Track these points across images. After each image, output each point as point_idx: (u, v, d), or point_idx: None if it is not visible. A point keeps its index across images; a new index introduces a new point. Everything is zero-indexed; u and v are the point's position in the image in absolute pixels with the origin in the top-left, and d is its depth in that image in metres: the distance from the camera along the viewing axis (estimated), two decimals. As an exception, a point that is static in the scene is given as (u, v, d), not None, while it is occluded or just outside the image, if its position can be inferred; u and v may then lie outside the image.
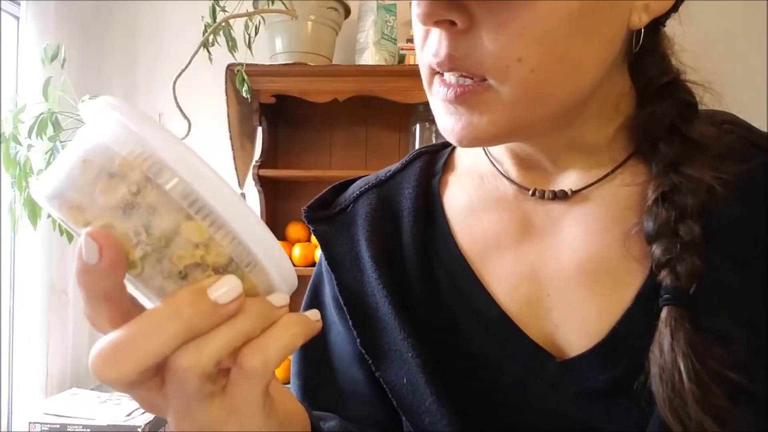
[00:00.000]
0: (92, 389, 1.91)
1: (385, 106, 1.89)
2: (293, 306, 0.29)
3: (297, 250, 2.02)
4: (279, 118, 2.15)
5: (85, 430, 1.63)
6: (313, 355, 0.55)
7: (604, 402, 0.42)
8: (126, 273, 0.27)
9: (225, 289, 0.27)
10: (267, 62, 1.95)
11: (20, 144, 1.46)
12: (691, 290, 0.39)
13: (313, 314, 0.32)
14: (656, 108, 0.44)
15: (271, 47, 1.97)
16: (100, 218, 0.27)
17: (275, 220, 2.15)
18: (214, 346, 0.27)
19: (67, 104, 1.51)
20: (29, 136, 1.45)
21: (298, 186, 2.21)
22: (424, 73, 0.42)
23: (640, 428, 0.40)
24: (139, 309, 0.29)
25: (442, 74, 0.40)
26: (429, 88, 0.42)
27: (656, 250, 0.41)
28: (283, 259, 0.30)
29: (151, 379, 0.28)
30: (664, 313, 0.39)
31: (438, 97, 0.41)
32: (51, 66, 1.53)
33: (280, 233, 2.13)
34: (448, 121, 0.41)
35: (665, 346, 0.38)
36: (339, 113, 2.09)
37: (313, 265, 2.00)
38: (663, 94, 0.45)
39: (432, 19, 0.37)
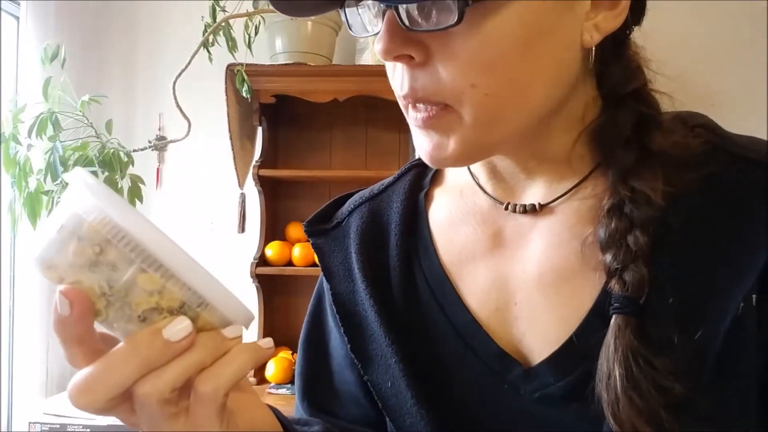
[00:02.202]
0: (92, 389, 1.91)
1: (385, 106, 1.89)
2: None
3: (297, 250, 2.01)
4: (279, 118, 2.15)
5: (85, 430, 1.63)
6: (314, 358, 0.59)
7: (562, 408, 0.44)
8: (94, 321, 0.33)
9: (176, 329, 0.33)
10: (267, 62, 1.95)
11: (20, 144, 1.46)
12: (637, 299, 0.41)
13: (266, 342, 0.37)
14: (616, 116, 0.46)
15: (271, 47, 1.97)
16: (71, 275, 0.33)
17: (275, 220, 2.15)
18: (169, 377, 0.33)
19: (67, 104, 1.51)
20: (29, 136, 1.45)
21: (298, 186, 2.21)
22: (399, 101, 0.45)
23: (597, 428, 0.42)
24: (109, 347, 0.34)
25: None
26: (405, 113, 0.45)
27: (607, 258, 0.43)
28: (232, 298, 0.35)
29: (122, 405, 0.34)
30: (612, 321, 0.41)
31: (412, 122, 0.44)
32: (51, 66, 1.53)
33: (280, 233, 2.13)
34: (422, 143, 0.44)
35: (609, 353, 0.40)
36: (339, 113, 2.09)
37: (313, 265, 2.00)
38: (624, 103, 0.46)
39: (391, 54, 0.40)
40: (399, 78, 0.42)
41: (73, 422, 1.64)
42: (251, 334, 2.02)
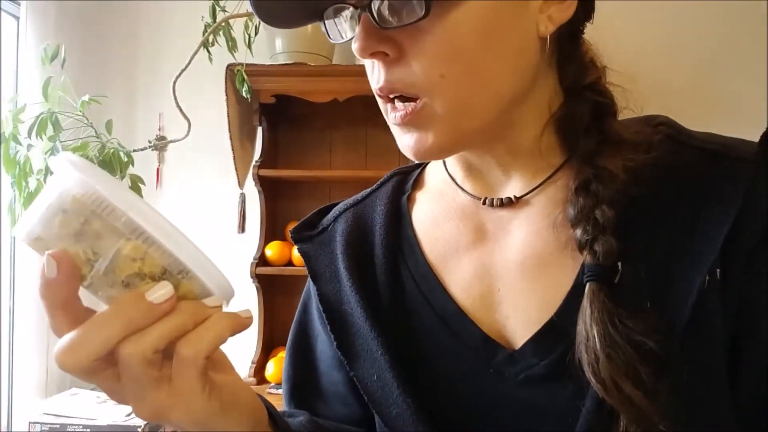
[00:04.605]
0: (92, 389, 1.91)
1: (385, 106, 1.89)
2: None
3: (297, 250, 2.01)
4: (279, 118, 2.15)
5: (85, 430, 1.63)
6: (301, 362, 0.62)
7: (544, 387, 0.47)
8: (79, 285, 0.35)
9: (160, 293, 0.35)
10: (267, 62, 1.95)
11: (20, 144, 1.46)
12: (608, 266, 0.44)
13: (245, 312, 0.39)
14: (575, 107, 0.50)
15: (271, 47, 1.97)
16: (57, 244, 0.34)
17: (275, 220, 2.15)
18: (151, 337, 0.34)
19: (67, 104, 1.51)
20: (29, 136, 1.45)
21: (298, 186, 2.21)
22: (379, 101, 0.48)
23: (579, 405, 0.44)
24: (92, 315, 0.35)
25: (393, 101, 0.47)
26: (386, 115, 0.48)
27: (577, 233, 0.46)
28: (213, 269, 0.37)
29: (107, 370, 0.36)
30: (586, 288, 0.44)
31: (391, 121, 0.47)
32: (51, 66, 1.53)
33: (279, 233, 2.13)
34: (404, 140, 0.47)
35: (586, 316, 0.43)
36: (339, 113, 2.09)
37: (313, 265, 2.00)
38: (582, 94, 0.50)
39: (367, 52, 0.44)
40: (376, 74, 0.46)
41: (73, 422, 1.64)
42: (251, 333, 2.02)
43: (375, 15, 0.42)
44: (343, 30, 0.47)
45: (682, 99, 1.99)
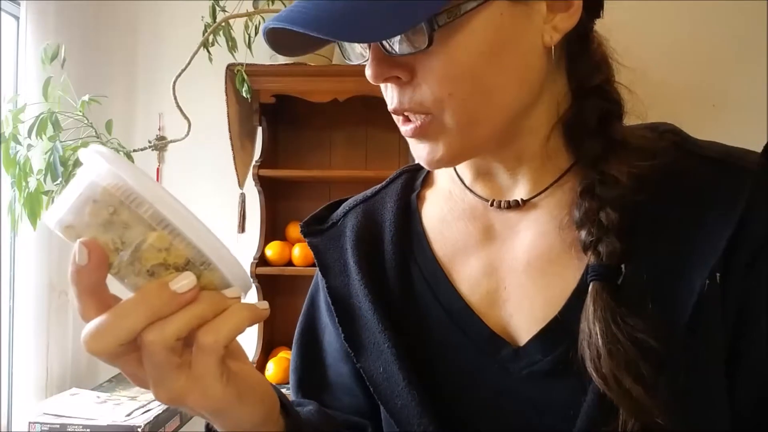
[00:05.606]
0: (92, 389, 1.91)
1: (385, 106, 1.88)
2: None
3: (297, 250, 2.01)
4: (279, 118, 2.15)
5: (85, 430, 1.63)
6: (309, 354, 0.63)
7: (547, 383, 0.48)
8: (107, 272, 0.36)
9: (183, 282, 0.36)
10: (267, 62, 1.95)
11: (20, 144, 1.46)
12: (612, 266, 0.45)
13: (262, 304, 0.40)
14: (582, 110, 0.51)
15: (271, 47, 1.96)
16: (87, 233, 0.36)
17: (275, 220, 2.15)
18: (174, 325, 0.36)
19: (67, 104, 1.51)
20: (29, 136, 1.45)
21: (298, 186, 2.21)
22: (392, 115, 0.51)
23: (580, 400, 0.45)
24: (118, 301, 0.37)
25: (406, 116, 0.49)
26: (399, 126, 0.51)
27: (582, 234, 0.47)
28: (234, 261, 0.38)
29: (131, 354, 0.37)
30: (590, 288, 0.45)
31: (404, 134, 0.50)
32: (51, 66, 1.53)
33: (280, 233, 2.13)
34: (417, 150, 0.50)
35: (589, 314, 0.44)
36: (339, 113, 2.09)
37: (313, 265, 1.99)
38: (589, 97, 0.51)
39: (381, 78, 0.46)
40: (390, 95, 0.48)
41: (73, 422, 1.64)
42: (251, 333, 2.02)
43: (384, 44, 0.44)
44: (356, 52, 0.50)
45: (682, 100, 1.99)
